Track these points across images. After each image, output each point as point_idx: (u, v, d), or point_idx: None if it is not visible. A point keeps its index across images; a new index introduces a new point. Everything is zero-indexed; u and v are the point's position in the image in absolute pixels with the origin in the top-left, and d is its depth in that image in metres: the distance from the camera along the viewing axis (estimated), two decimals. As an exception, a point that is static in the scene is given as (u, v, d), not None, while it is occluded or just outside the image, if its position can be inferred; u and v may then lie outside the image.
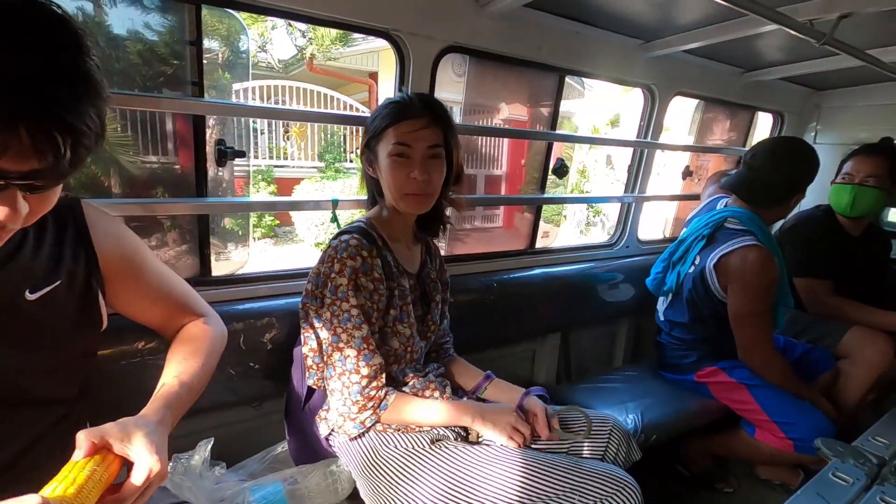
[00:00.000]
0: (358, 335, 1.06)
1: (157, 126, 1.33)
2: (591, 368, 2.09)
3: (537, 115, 2.04)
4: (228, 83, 5.94)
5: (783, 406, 1.63)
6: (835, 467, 1.13)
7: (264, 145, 7.76)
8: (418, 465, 1.06)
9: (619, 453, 1.21)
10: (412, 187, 1.10)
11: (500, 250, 1.85)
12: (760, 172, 1.67)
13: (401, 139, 1.09)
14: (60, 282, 0.72)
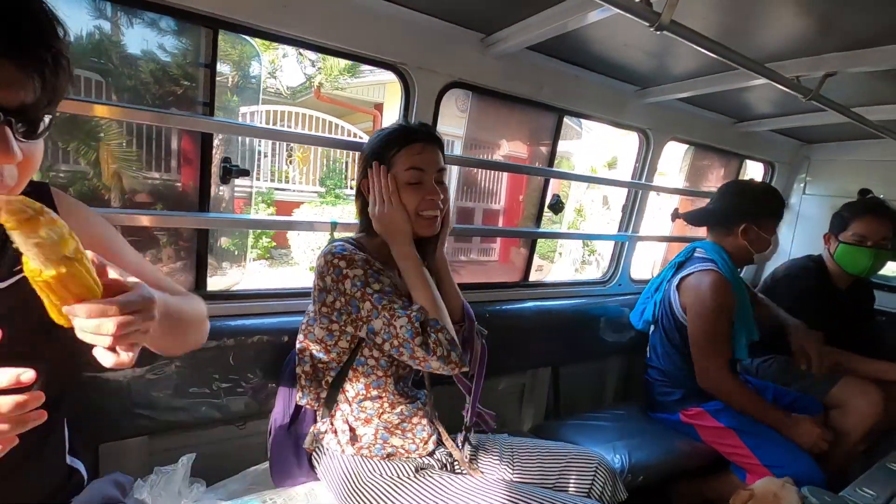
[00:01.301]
0: (399, 304, 1.04)
1: (163, 143, 1.36)
2: (580, 405, 2.07)
3: (536, 152, 2.10)
4: (236, 105, 6.06)
5: (773, 450, 1.63)
6: (821, 517, 1.12)
7: (267, 168, 7.85)
8: (401, 493, 1.05)
9: (604, 491, 1.20)
10: (427, 206, 1.12)
11: (493, 281, 1.86)
12: (712, 202, 1.91)
13: (416, 164, 1.11)
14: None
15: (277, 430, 1.20)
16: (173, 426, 1.19)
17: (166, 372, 1.15)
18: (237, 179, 1.36)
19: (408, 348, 1.01)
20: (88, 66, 1.32)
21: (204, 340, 0.92)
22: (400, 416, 1.16)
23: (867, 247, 1.97)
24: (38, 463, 0.73)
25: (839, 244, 2.02)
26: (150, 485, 0.97)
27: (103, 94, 1.53)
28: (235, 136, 2.66)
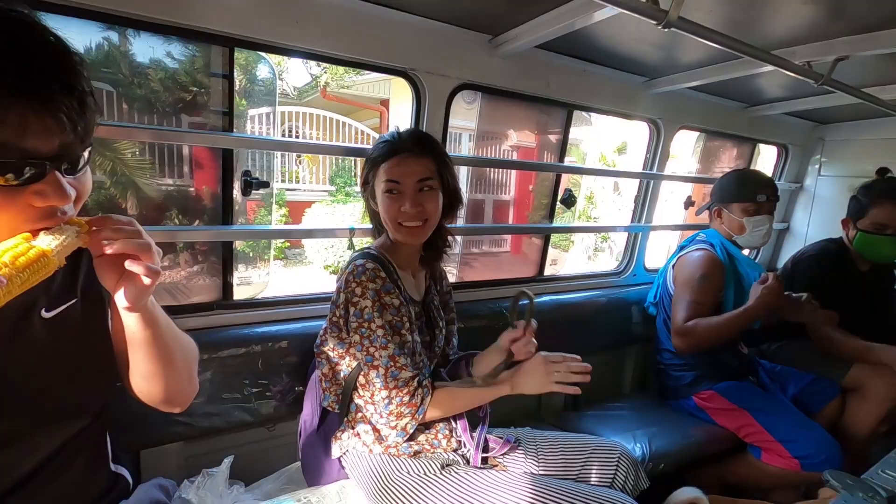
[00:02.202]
0: (385, 354, 1.11)
1: (174, 150, 1.38)
2: (599, 396, 2.09)
3: (545, 142, 2.11)
4: (245, 109, 6.12)
5: (786, 425, 1.66)
6: (843, 500, 1.13)
7: (277, 169, 7.92)
8: (429, 489, 1.09)
9: (627, 481, 1.23)
10: (404, 218, 1.17)
11: (508, 277, 1.89)
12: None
13: (391, 176, 1.17)
14: (76, 300, 0.74)
15: (307, 432, 1.24)
16: (208, 431, 1.24)
17: (201, 379, 1.19)
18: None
19: (376, 387, 1.12)
20: (99, 77, 1.36)
21: (195, 388, 0.88)
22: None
23: (888, 235, 1.89)
24: (85, 468, 0.77)
25: (858, 232, 1.95)
26: (197, 486, 1.03)
27: (114, 105, 1.57)
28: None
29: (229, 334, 1.27)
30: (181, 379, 0.81)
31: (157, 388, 0.78)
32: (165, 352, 0.75)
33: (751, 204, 1.81)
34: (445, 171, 1.22)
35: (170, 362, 0.76)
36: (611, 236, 8.86)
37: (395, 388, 1.11)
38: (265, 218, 6.80)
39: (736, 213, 1.83)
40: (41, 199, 0.58)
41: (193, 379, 0.86)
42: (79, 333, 0.74)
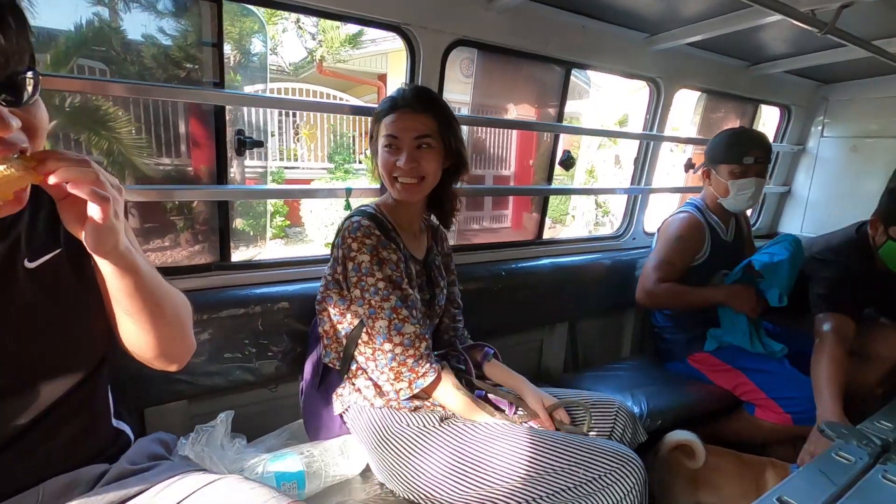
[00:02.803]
0: (387, 306, 1.11)
1: (171, 129, 1.37)
2: (597, 359, 2.12)
3: (544, 114, 2.08)
4: (240, 85, 6.03)
5: (779, 382, 1.69)
6: (838, 448, 1.15)
7: (275, 147, 7.86)
8: (428, 441, 1.10)
9: (625, 434, 1.24)
10: (400, 173, 1.17)
11: (509, 240, 1.88)
12: None
13: (390, 130, 1.17)
14: (60, 250, 0.73)
15: (308, 389, 1.26)
16: (210, 390, 1.25)
17: (201, 339, 1.21)
18: (247, 161, 1.39)
19: (378, 342, 1.12)
20: (90, 55, 1.33)
21: (191, 345, 0.86)
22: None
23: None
24: (83, 423, 0.77)
25: (887, 240, 1.69)
26: (192, 442, 1.04)
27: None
28: (246, 108, 2.65)
29: (228, 295, 1.27)
30: (172, 334, 0.79)
31: (146, 342, 0.76)
32: (150, 303, 0.72)
33: (737, 166, 1.76)
34: (447, 132, 1.20)
35: (157, 315, 0.74)
36: (612, 211, 8.84)
37: (400, 344, 1.12)
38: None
39: (723, 175, 1.79)
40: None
41: (187, 336, 0.84)
42: (66, 284, 0.73)
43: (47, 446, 0.72)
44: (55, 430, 0.73)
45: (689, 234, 1.78)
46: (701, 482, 1.45)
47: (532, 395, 1.22)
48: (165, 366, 0.83)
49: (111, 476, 0.76)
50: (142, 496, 0.75)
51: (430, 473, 1.07)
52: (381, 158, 1.19)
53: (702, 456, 1.41)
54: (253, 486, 0.75)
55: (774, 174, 2.64)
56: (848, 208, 2.36)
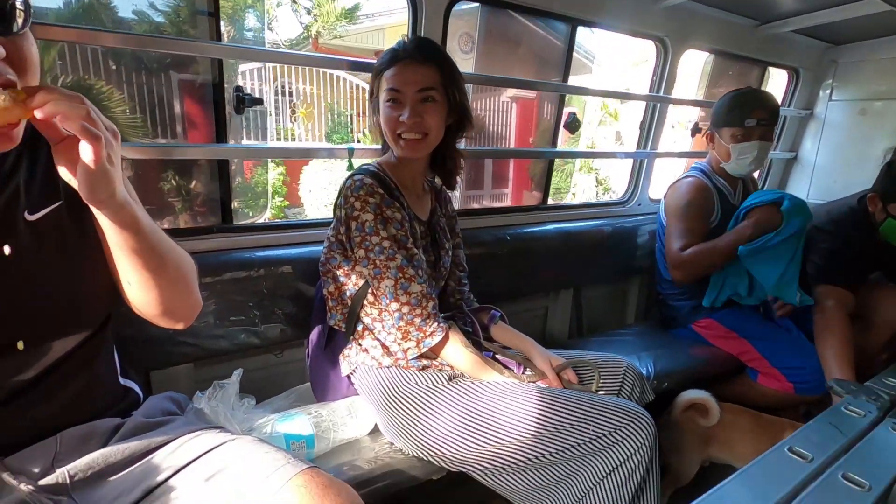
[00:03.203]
0: (392, 265, 1.09)
1: (166, 108, 1.34)
2: (602, 325, 2.12)
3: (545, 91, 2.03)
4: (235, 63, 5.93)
5: (784, 352, 1.69)
6: (847, 402, 1.15)
7: (272, 127, 7.76)
8: (436, 400, 1.10)
9: (633, 393, 1.24)
10: (403, 129, 1.13)
11: (513, 205, 1.86)
12: None
13: (391, 84, 1.12)
14: (61, 203, 0.71)
15: (314, 350, 1.25)
16: (216, 353, 1.24)
17: (205, 302, 1.19)
18: (244, 142, 1.36)
19: (384, 302, 1.11)
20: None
21: (196, 303, 0.85)
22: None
23: None
24: (90, 379, 0.77)
25: (887, 218, 1.67)
26: (209, 397, 1.04)
27: (100, 64, 1.50)
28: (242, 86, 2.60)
29: (231, 257, 1.26)
30: (176, 290, 0.78)
31: (150, 299, 0.75)
32: (152, 258, 0.71)
33: (739, 129, 1.70)
34: (451, 85, 1.16)
35: (160, 271, 0.73)
36: (613, 188, 8.78)
37: (407, 303, 1.10)
38: (262, 176, 6.73)
39: (725, 138, 1.73)
40: None
41: (192, 293, 0.82)
42: (69, 239, 0.72)
43: (54, 401, 0.72)
44: (63, 384, 0.73)
45: (698, 197, 1.74)
46: (713, 439, 1.46)
47: (540, 356, 1.21)
48: (171, 324, 0.82)
49: (127, 429, 0.77)
50: (163, 449, 0.75)
51: (440, 431, 1.07)
52: (383, 114, 1.15)
53: (716, 414, 1.42)
54: (268, 449, 0.75)
55: (781, 140, 2.60)
56: (855, 174, 2.33)
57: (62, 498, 0.67)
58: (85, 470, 0.69)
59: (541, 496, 1.04)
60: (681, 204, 1.74)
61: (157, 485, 0.72)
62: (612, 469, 0.98)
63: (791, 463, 0.79)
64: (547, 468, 1.02)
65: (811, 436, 0.99)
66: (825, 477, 0.73)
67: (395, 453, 1.14)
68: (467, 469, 1.07)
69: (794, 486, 0.69)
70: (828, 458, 0.80)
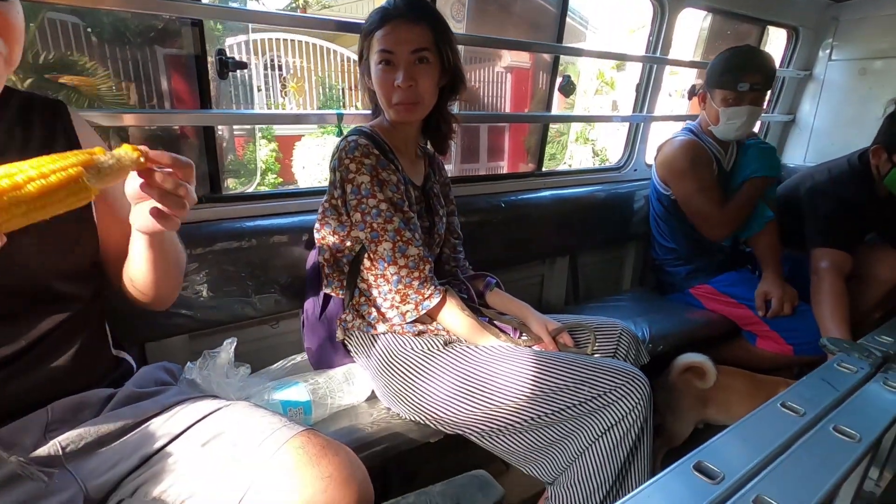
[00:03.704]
0: (390, 228, 1.08)
1: (152, 82, 1.30)
2: (599, 291, 2.12)
3: (539, 59, 1.99)
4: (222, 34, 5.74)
5: (782, 315, 1.68)
6: (840, 359, 1.16)
7: (263, 103, 7.61)
8: (433, 365, 1.10)
9: (628, 355, 1.25)
10: (398, 94, 1.09)
11: (509, 172, 1.84)
12: None
13: (384, 45, 1.08)
14: None
15: (310, 319, 1.25)
16: (211, 324, 1.24)
17: (198, 273, 1.19)
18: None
19: (381, 266, 1.10)
20: (61, 8, 1.24)
21: (180, 287, 0.90)
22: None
23: None
24: (78, 350, 0.77)
25: (892, 168, 1.65)
26: (199, 366, 1.03)
27: (82, 38, 1.44)
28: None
29: (222, 227, 1.24)
30: (174, 285, 0.85)
31: (151, 293, 0.81)
32: (166, 264, 0.77)
33: (731, 93, 1.65)
34: (444, 45, 1.12)
35: (168, 272, 0.79)
36: (609, 159, 8.72)
37: (405, 266, 1.09)
38: (254, 153, 6.63)
39: (716, 100, 1.69)
40: None
41: (180, 284, 0.89)
42: (60, 217, 0.71)
43: (42, 372, 0.73)
44: (53, 354, 0.74)
45: (697, 154, 1.72)
46: (710, 401, 1.48)
47: (536, 321, 1.22)
48: (155, 308, 0.87)
49: (119, 399, 0.77)
50: (155, 419, 0.75)
51: (436, 395, 1.07)
52: (376, 78, 1.11)
53: (713, 376, 1.43)
54: (264, 413, 0.76)
55: (779, 102, 2.56)
56: (853, 136, 2.30)
57: (55, 469, 0.67)
58: (77, 441, 0.70)
59: (537, 457, 1.06)
60: (685, 166, 1.72)
61: (154, 452, 0.72)
62: (607, 429, 0.99)
63: (784, 417, 0.80)
64: (543, 429, 1.03)
65: (804, 392, 1.00)
66: (817, 430, 0.73)
67: (393, 418, 1.15)
68: (464, 432, 1.08)
69: (786, 439, 0.70)
70: (820, 412, 0.81)
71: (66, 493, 0.65)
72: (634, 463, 1.02)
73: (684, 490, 0.52)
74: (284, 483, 0.64)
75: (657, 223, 1.89)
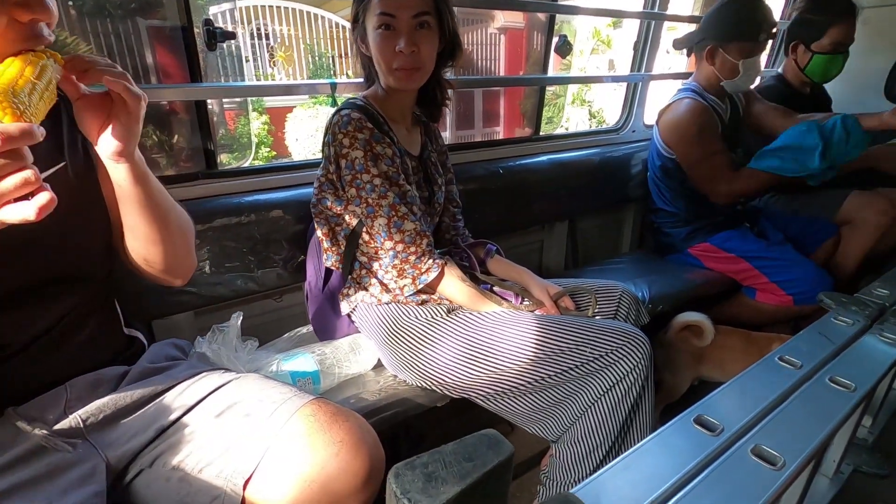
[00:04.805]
0: (385, 203, 1.08)
1: (137, 59, 1.26)
2: (598, 254, 2.13)
3: (533, 19, 1.93)
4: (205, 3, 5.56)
5: (780, 266, 1.72)
6: (837, 313, 1.18)
7: (251, 74, 7.42)
8: (436, 332, 1.12)
9: (629, 316, 1.27)
10: (400, 61, 1.06)
11: (506, 137, 1.82)
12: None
13: (384, 8, 1.04)
14: (65, 163, 0.72)
15: (313, 292, 1.26)
16: (215, 300, 1.25)
17: (199, 249, 1.19)
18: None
19: (378, 241, 1.10)
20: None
21: (194, 261, 0.89)
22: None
23: (841, 53, 1.86)
24: (94, 329, 0.79)
25: (812, 55, 1.88)
26: (209, 341, 1.05)
27: (60, 10, 1.39)
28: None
29: (220, 203, 1.23)
30: (178, 245, 0.81)
31: (154, 253, 0.78)
32: (159, 212, 0.75)
33: (751, 44, 1.63)
34: (445, 8, 1.09)
35: (165, 224, 0.76)
36: (607, 120, 8.59)
37: (401, 241, 1.09)
38: (245, 127, 6.52)
39: (733, 53, 1.65)
40: (26, 11, 0.55)
41: (191, 251, 0.87)
42: (73, 199, 0.72)
43: (62, 350, 0.74)
44: (71, 334, 0.76)
45: (705, 120, 1.70)
46: (706, 358, 1.51)
47: (537, 286, 1.23)
48: (170, 281, 0.86)
49: (133, 375, 0.79)
50: (169, 393, 0.78)
51: (441, 361, 1.09)
52: (375, 43, 1.07)
53: (710, 335, 1.46)
54: (274, 384, 0.78)
55: (779, 56, 2.50)
56: (854, 89, 2.26)
57: (77, 440, 0.69)
58: (96, 414, 0.72)
59: (542, 417, 1.09)
60: (693, 132, 1.69)
61: (170, 424, 0.74)
62: (609, 388, 1.02)
63: (781, 370, 0.82)
64: (547, 390, 1.06)
65: (801, 345, 1.02)
66: (813, 381, 0.75)
67: (400, 384, 1.18)
68: (470, 395, 1.11)
69: (783, 391, 0.72)
70: (816, 365, 0.83)
71: (89, 463, 0.68)
72: (636, 419, 1.05)
73: (685, 443, 0.54)
74: (298, 450, 0.66)
75: (657, 186, 1.88)
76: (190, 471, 0.69)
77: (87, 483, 0.65)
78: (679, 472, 0.48)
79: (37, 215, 0.50)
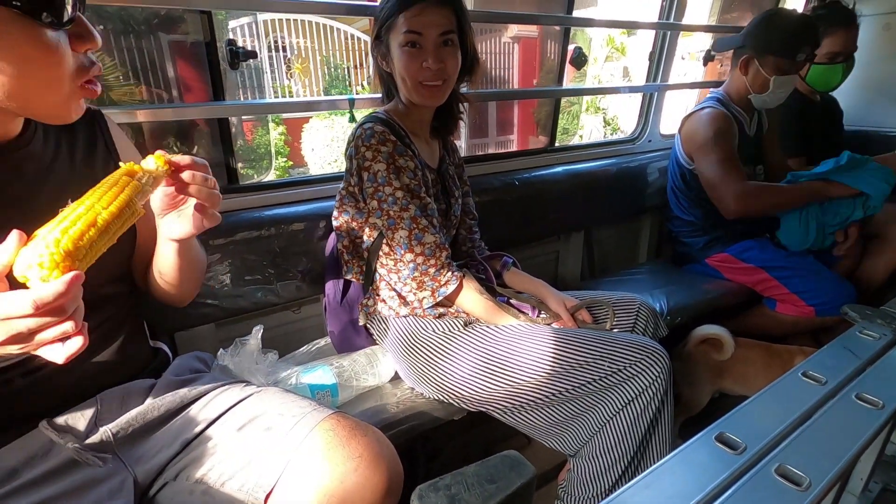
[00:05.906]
0: (406, 216, 1.09)
1: (159, 72, 1.30)
2: (615, 265, 2.11)
3: (547, 28, 1.93)
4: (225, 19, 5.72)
5: (801, 277, 1.68)
6: (862, 327, 1.15)
7: (269, 85, 7.56)
8: (454, 345, 1.12)
9: (647, 329, 1.25)
10: (426, 77, 1.08)
11: (520, 149, 1.82)
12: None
13: (411, 27, 1.05)
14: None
15: (331, 304, 1.27)
16: (235, 312, 1.28)
17: (220, 263, 1.21)
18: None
19: (398, 253, 1.11)
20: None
21: (199, 289, 0.94)
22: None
23: (839, 63, 1.86)
24: (123, 343, 0.81)
25: (810, 66, 1.84)
26: (231, 354, 1.07)
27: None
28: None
29: (240, 218, 1.26)
30: (195, 285, 0.90)
31: (174, 292, 0.85)
32: (191, 266, 0.82)
33: (787, 62, 1.60)
34: (466, 26, 1.11)
35: (191, 274, 0.83)
36: (622, 128, 8.53)
37: (422, 254, 1.10)
38: (263, 137, 6.63)
39: (767, 68, 1.62)
40: (81, 42, 0.57)
41: (200, 283, 0.93)
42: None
43: (91, 365, 0.77)
44: (102, 347, 0.78)
45: (723, 125, 1.67)
46: (726, 372, 1.48)
47: (554, 298, 1.22)
48: (176, 305, 0.92)
49: (160, 387, 0.82)
50: (196, 404, 0.79)
51: (458, 375, 1.10)
52: (401, 61, 1.09)
53: (730, 348, 1.44)
54: (294, 397, 0.79)
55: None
56: (880, 98, 2.23)
57: (107, 455, 0.71)
58: (125, 427, 0.73)
59: (559, 430, 1.08)
60: (709, 136, 1.66)
61: (194, 437, 0.76)
62: (627, 402, 1.01)
63: (805, 386, 0.80)
64: (564, 404, 1.05)
65: (825, 360, 0.99)
66: (839, 398, 0.74)
67: (417, 397, 1.18)
68: (487, 409, 1.11)
69: (808, 408, 0.70)
70: (842, 380, 0.81)
71: (118, 477, 0.69)
72: (655, 435, 1.04)
73: (707, 461, 0.53)
74: (317, 465, 0.67)
75: (676, 196, 1.86)
76: (213, 484, 0.71)
77: (115, 498, 0.66)
78: (701, 492, 0.47)
79: (63, 362, 0.51)
